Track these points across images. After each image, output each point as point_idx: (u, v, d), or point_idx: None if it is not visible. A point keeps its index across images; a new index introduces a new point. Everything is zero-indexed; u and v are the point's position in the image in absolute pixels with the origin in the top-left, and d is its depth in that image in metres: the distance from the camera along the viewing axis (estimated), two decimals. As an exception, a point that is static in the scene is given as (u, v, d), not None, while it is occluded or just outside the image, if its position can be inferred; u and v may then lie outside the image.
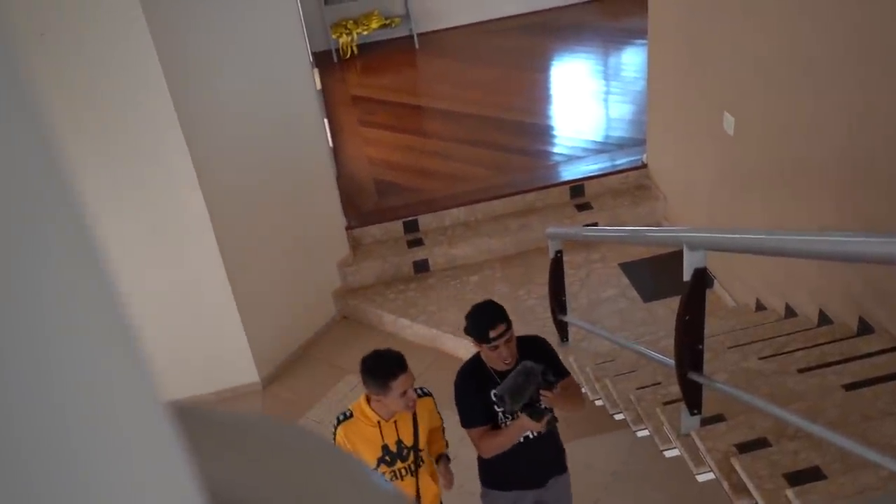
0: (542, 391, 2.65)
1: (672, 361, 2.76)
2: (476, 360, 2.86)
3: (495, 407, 2.77)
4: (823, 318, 3.77)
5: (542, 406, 2.69)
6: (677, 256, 2.65)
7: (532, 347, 2.86)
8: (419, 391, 2.79)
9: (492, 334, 2.69)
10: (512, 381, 2.63)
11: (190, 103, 4.07)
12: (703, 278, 2.57)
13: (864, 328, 3.47)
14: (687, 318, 2.61)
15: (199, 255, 4.44)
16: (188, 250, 4.44)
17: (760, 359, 3.42)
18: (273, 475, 0.35)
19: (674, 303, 2.82)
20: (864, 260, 2.08)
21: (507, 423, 2.79)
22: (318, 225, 5.15)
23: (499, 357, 2.73)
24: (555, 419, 2.74)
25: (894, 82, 3.00)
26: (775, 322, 4.06)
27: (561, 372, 2.87)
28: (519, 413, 2.68)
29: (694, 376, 2.69)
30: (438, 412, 2.95)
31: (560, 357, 2.97)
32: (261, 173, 4.62)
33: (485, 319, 2.73)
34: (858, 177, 3.30)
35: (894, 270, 3.12)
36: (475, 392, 2.80)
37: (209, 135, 4.25)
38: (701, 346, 2.67)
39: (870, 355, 3.20)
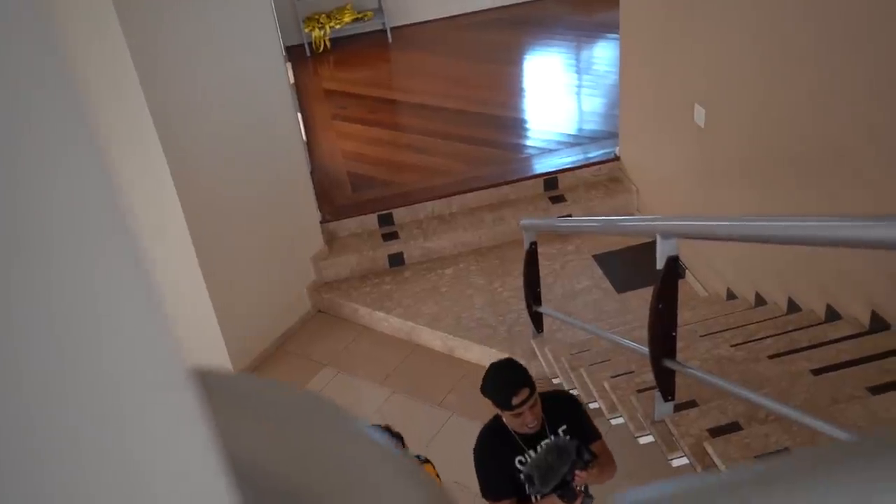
0: (577, 472, 2.38)
1: (646, 349, 2.80)
2: (497, 422, 2.59)
3: (521, 477, 2.50)
4: (792, 306, 3.85)
5: (576, 485, 2.42)
6: (649, 248, 2.69)
7: (559, 407, 2.63)
8: (417, 459, 2.58)
9: (514, 401, 2.42)
10: (542, 460, 2.37)
11: (162, 100, 4.03)
12: (675, 266, 2.61)
13: (832, 315, 3.55)
14: (660, 305, 2.65)
15: (172, 250, 4.40)
16: (161, 245, 4.40)
17: (732, 346, 3.48)
18: (293, 441, 0.35)
19: (646, 293, 2.84)
20: (836, 244, 2.13)
21: (537, 500, 2.49)
22: (292, 219, 5.13)
23: (522, 423, 2.48)
24: (590, 497, 2.55)
25: (865, 71, 3.06)
26: (746, 310, 4.13)
27: (590, 437, 2.62)
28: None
29: (667, 363, 2.73)
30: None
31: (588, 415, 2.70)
32: (234, 168, 4.59)
33: (506, 385, 2.45)
34: (832, 167, 3.35)
35: (860, 257, 3.19)
36: (497, 460, 2.53)
37: (181, 131, 4.22)
38: (674, 334, 2.72)
39: (836, 341, 3.28)
